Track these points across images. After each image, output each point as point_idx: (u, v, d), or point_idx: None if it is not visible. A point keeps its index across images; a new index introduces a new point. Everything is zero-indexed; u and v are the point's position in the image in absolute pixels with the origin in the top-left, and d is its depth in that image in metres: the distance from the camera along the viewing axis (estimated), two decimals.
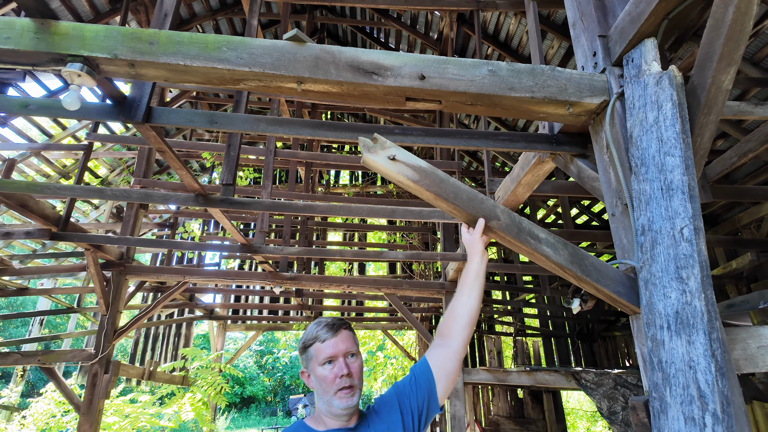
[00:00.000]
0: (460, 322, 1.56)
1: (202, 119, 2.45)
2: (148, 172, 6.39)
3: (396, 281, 5.72)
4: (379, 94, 1.90)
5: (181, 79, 1.95)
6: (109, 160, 8.37)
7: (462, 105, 1.92)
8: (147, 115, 2.45)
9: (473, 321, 1.56)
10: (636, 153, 1.64)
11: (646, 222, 1.50)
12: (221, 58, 1.86)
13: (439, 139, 2.41)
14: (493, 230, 1.64)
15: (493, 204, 1.68)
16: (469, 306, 1.58)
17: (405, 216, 3.55)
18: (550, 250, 1.64)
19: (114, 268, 5.79)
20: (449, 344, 1.55)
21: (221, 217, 3.84)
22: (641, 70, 1.73)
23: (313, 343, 1.47)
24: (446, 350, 1.54)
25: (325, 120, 2.44)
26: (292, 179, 6.24)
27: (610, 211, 1.84)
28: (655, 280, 1.41)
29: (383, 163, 1.64)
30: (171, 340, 9.71)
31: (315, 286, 5.66)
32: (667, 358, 1.29)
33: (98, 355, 5.54)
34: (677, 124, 1.50)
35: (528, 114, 1.95)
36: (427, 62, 1.87)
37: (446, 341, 1.56)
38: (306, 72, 1.84)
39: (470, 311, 1.57)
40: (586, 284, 1.67)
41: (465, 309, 1.57)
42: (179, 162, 3.14)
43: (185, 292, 7.69)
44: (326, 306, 8.61)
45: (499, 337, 9.37)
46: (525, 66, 1.88)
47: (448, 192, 1.66)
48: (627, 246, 1.73)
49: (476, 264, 1.63)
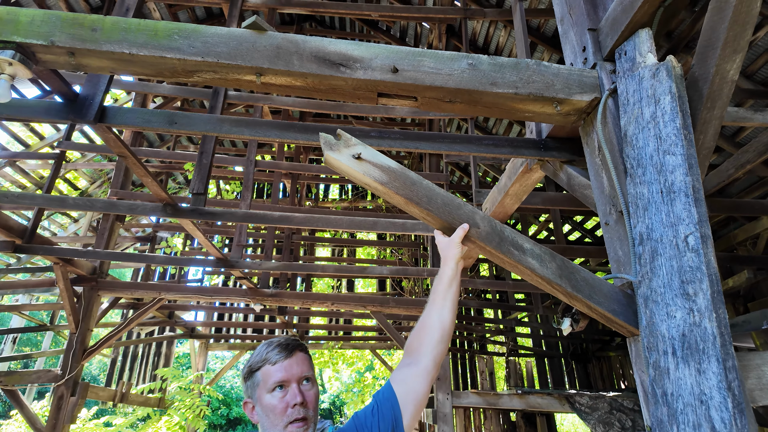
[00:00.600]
0: (432, 337, 1.33)
1: (161, 119, 2.25)
2: (126, 183, 6.16)
3: (383, 298, 5.48)
4: (347, 89, 1.71)
5: (127, 70, 1.76)
6: (89, 172, 8.13)
7: (439, 102, 1.74)
8: (100, 114, 2.25)
9: (447, 336, 1.34)
10: (631, 153, 1.45)
11: (645, 230, 1.31)
12: (172, 47, 1.67)
13: (419, 143, 2.22)
14: (471, 239, 1.44)
15: (471, 210, 1.48)
16: (442, 318, 1.36)
17: (387, 228, 3.35)
18: (535, 263, 1.44)
19: (85, 284, 5.50)
20: (418, 362, 1.31)
21: (193, 229, 3.62)
22: (635, 63, 1.56)
23: (262, 365, 1.25)
24: (414, 369, 1.30)
25: (295, 122, 2.25)
26: (275, 192, 6.04)
27: (603, 219, 1.65)
28: (657, 297, 1.21)
29: (347, 163, 1.44)
30: (150, 360, 9.32)
31: (297, 303, 5.40)
32: (674, 390, 1.08)
33: (65, 376, 5.22)
34: (677, 118, 1.32)
35: (512, 113, 1.77)
36: (401, 54, 1.70)
37: (415, 358, 1.33)
38: (266, 62, 1.66)
39: (443, 324, 1.35)
40: (577, 302, 1.46)
41: (437, 322, 1.35)
42: (144, 169, 2.94)
43: (164, 309, 7.38)
44: (312, 324, 8.32)
45: (491, 358, 9.08)
46: (508, 60, 1.71)
47: (421, 196, 1.46)
48: (623, 258, 1.53)
49: (450, 270, 1.42)
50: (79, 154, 7.61)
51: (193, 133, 2.24)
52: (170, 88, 3.88)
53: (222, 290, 5.30)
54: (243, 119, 2.24)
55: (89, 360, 5.75)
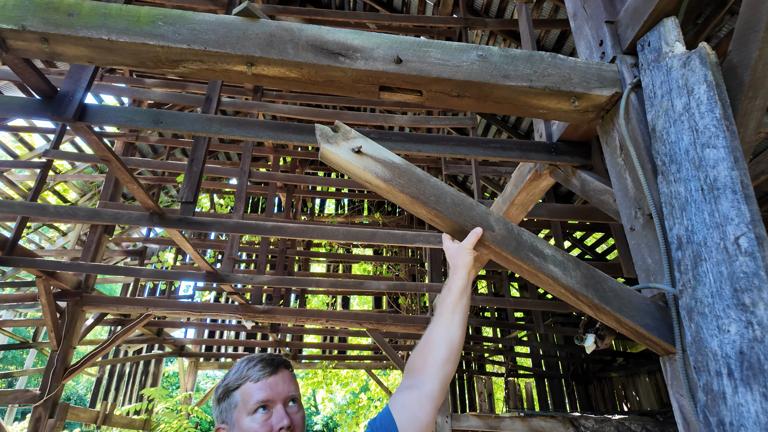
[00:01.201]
0: (438, 356, 1.15)
1: (145, 118, 2.10)
2: (117, 195, 5.98)
3: (380, 315, 5.28)
4: (347, 81, 1.57)
5: (107, 59, 1.61)
6: (79, 184, 7.94)
7: (447, 96, 1.60)
8: (80, 112, 2.09)
9: (455, 355, 1.16)
10: (662, 149, 1.31)
11: (684, 233, 1.15)
12: (155, 34, 1.53)
13: (422, 145, 2.08)
14: (485, 244, 1.28)
15: (484, 211, 1.32)
16: (451, 334, 1.18)
17: (386, 240, 3.19)
18: (558, 270, 1.27)
19: (69, 298, 5.27)
20: (422, 385, 1.12)
21: (181, 240, 3.44)
22: (661, 53, 1.43)
23: (242, 384, 1.07)
24: (417, 394, 1.11)
25: (289, 122, 2.10)
26: (270, 206, 5.87)
27: (627, 225, 1.50)
28: (704, 309, 1.05)
29: (346, 157, 1.29)
30: (138, 379, 8.98)
31: (291, 320, 5.18)
32: (732, 419, 0.91)
33: (43, 397, 4.94)
34: (717, 108, 1.18)
35: (525, 109, 1.63)
36: (405, 44, 1.56)
37: (417, 380, 1.14)
38: (257, 51, 1.52)
39: (451, 341, 1.17)
40: (604, 315, 1.30)
41: (445, 338, 1.17)
42: (129, 175, 2.77)
43: (153, 326, 7.13)
44: (306, 343, 8.06)
45: (489, 378, 8.82)
46: (521, 51, 1.58)
47: (428, 195, 1.30)
48: (653, 267, 1.37)
49: (461, 279, 1.25)
50: (69, 165, 7.44)
51: (181, 132, 2.09)
52: (162, 94, 3.75)
53: (212, 306, 5.08)
54: (234, 119, 2.09)
55: (73, 378, 5.48)
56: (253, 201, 9.97)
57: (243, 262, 8.53)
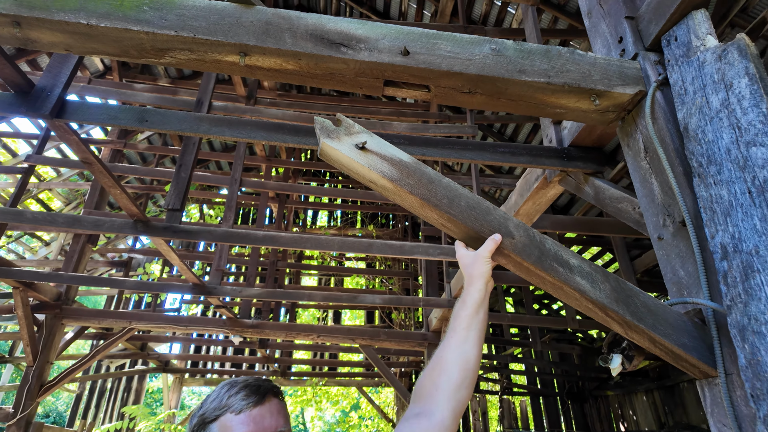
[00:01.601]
0: (451, 379, 0.98)
1: (130, 116, 1.95)
2: (102, 203, 5.78)
3: (373, 331, 5.10)
4: (349, 74, 1.44)
5: (86, 47, 1.47)
6: (64, 192, 7.71)
7: (456, 92, 1.48)
8: (59, 108, 1.94)
9: (471, 379, 1.00)
10: (698, 149, 1.19)
11: (729, 240, 1.03)
12: (140, 19, 1.39)
13: (426, 149, 1.95)
14: (504, 252, 1.14)
15: (502, 215, 1.19)
16: (465, 354, 1.02)
17: (383, 251, 3.04)
18: (586, 283, 1.14)
19: (48, 311, 5.03)
20: (432, 413, 0.94)
21: (167, 250, 3.26)
22: (691, 47, 1.32)
23: (221, 415, 0.91)
24: (427, 423, 0.93)
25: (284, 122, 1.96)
26: (261, 217, 5.70)
27: (654, 233, 1.37)
28: (760, 327, 0.91)
29: (348, 154, 1.15)
30: (119, 396, 8.64)
31: (281, 335, 4.98)
32: None
33: (17, 415, 4.66)
34: (763, 103, 1.07)
35: (540, 108, 1.51)
36: (413, 35, 1.44)
37: (427, 407, 0.96)
38: (252, 39, 1.39)
39: (466, 362, 1.01)
40: (636, 333, 1.16)
41: (459, 359, 1.01)
42: (112, 179, 2.61)
43: (136, 340, 6.85)
44: (295, 359, 7.81)
45: (484, 396, 8.61)
46: (537, 46, 1.46)
47: (440, 197, 1.16)
48: (686, 279, 1.24)
49: (477, 291, 1.10)
50: (54, 173, 7.22)
51: (167, 132, 1.94)
52: (150, 97, 3.61)
53: (199, 320, 4.86)
54: (225, 118, 1.95)
55: (53, 394, 5.20)
56: (244, 212, 9.78)
57: (232, 275, 8.31)
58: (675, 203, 1.28)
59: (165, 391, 8.33)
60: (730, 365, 1.09)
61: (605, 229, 2.84)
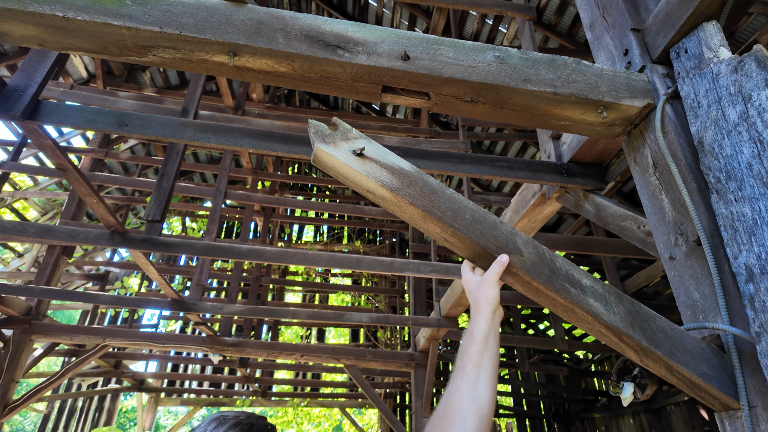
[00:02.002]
0: (464, 427, 0.83)
1: (109, 119, 1.83)
2: (80, 214, 5.56)
3: (359, 350, 4.94)
4: (345, 78, 1.36)
5: (62, 42, 1.36)
6: (41, 202, 7.44)
7: (458, 101, 1.41)
8: (32, 109, 1.82)
9: (486, 425, 0.85)
10: (715, 164, 1.12)
11: (755, 261, 0.95)
12: (122, 14, 1.29)
13: (422, 161, 1.87)
14: (512, 271, 1.05)
15: (510, 231, 1.10)
16: (479, 397, 0.87)
17: (372, 267, 2.93)
18: (599, 306, 1.05)
19: (16, 326, 4.76)
20: None
21: (145, 263, 3.10)
22: (703, 59, 1.27)
23: None
24: None
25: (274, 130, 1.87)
26: (245, 230, 5.55)
27: (665, 253, 1.30)
28: None
29: (345, 161, 1.06)
30: (90, 416, 8.24)
31: (262, 354, 4.79)
32: None
33: None
34: None
35: (545, 119, 1.44)
36: (413, 39, 1.37)
37: None
38: (242, 38, 1.30)
39: (480, 407, 0.86)
40: (652, 361, 1.07)
41: (471, 403, 0.86)
42: (88, 187, 2.47)
43: (110, 358, 6.55)
44: (277, 379, 7.56)
45: None
46: (542, 55, 1.40)
47: (444, 208, 1.07)
48: (701, 302, 1.16)
49: (485, 321, 0.98)
50: (31, 181, 6.97)
51: (149, 138, 1.82)
52: (134, 104, 3.49)
53: (176, 338, 4.65)
54: (211, 124, 1.84)
55: (20, 413, 4.89)
56: (228, 226, 9.58)
57: (213, 290, 8.07)
58: (689, 221, 1.21)
59: (139, 410, 7.97)
60: (753, 397, 1.01)
61: (602, 248, 2.78)
